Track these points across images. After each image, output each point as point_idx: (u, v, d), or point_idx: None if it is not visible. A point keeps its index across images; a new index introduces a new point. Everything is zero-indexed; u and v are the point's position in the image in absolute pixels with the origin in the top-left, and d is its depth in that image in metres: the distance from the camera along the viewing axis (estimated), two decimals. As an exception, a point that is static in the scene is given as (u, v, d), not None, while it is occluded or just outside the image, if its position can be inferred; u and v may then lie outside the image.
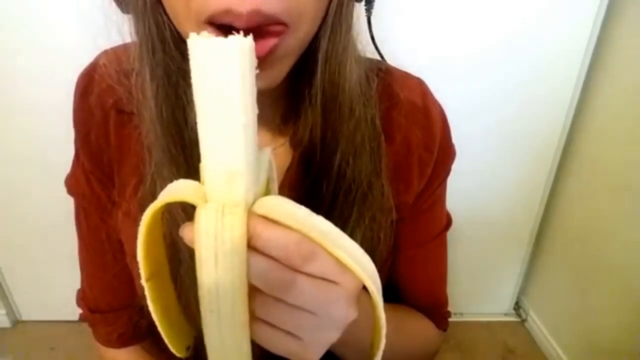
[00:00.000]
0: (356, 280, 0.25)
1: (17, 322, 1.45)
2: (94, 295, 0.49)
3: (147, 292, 0.27)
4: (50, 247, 1.30)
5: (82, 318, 0.50)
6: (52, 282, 1.35)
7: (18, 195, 1.23)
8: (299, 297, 0.24)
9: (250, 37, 0.22)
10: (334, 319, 0.26)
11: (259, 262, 0.23)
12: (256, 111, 0.23)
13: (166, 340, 0.30)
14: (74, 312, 0.51)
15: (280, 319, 0.25)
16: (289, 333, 0.26)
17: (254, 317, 0.25)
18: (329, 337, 0.27)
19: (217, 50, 0.21)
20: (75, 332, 1.37)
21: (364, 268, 0.25)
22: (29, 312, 1.44)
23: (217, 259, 0.22)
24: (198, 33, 0.22)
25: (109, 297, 0.48)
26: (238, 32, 0.22)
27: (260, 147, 0.25)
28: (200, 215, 0.23)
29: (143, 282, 0.27)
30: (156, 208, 0.25)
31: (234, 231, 0.22)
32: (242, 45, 0.21)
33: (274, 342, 0.26)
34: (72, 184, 0.45)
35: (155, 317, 0.28)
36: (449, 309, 0.54)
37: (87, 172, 0.43)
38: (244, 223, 0.22)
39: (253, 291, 0.24)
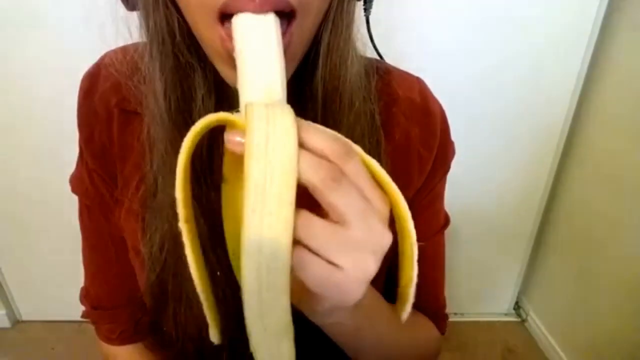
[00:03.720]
0: (386, 202, 0.27)
1: (17, 322, 1.45)
2: (96, 292, 0.49)
3: (184, 236, 0.27)
4: (50, 247, 1.30)
5: (85, 315, 0.51)
6: (52, 282, 1.35)
7: (18, 195, 1.23)
8: (345, 196, 0.24)
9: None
10: (373, 236, 0.25)
11: (307, 154, 0.24)
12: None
13: (206, 311, 0.28)
14: (74, 312, 0.51)
15: (322, 235, 0.24)
16: (329, 262, 0.25)
17: (295, 244, 0.24)
18: (370, 265, 0.26)
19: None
20: (75, 332, 1.38)
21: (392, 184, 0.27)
22: (29, 312, 1.45)
23: (268, 144, 0.22)
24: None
25: (111, 294, 0.49)
26: None
27: None
28: (252, 107, 0.24)
29: (181, 224, 0.26)
30: (196, 131, 0.25)
31: (285, 116, 0.23)
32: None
33: (314, 271, 0.25)
34: (76, 183, 0.46)
35: (193, 270, 0.27)
36: (449, 310, 0.53)
37: (90, 171, 0.43)
38: (292, 112, 0.24)
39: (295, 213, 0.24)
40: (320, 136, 0.24)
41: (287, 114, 0.24)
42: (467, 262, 1.38)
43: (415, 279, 0.28)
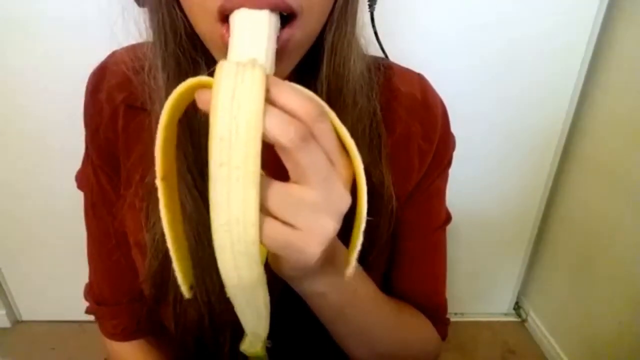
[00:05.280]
0: (349, 169, 0.27)
1: (17, 322, 1.44)
2: (100, 287, 0.49)
3: (160, 194, 0.27)
4: (50, 247, 1.30)
5: (88, 311, 0.51)
6: (52, 282, 1.35)
7: (18, 195, 1.23)
8: (310, 156, 0.24)
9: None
10: (332, 198, 0.26)
11: (277, 111, 0.23)
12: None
13: (175, 265, 0.28)
14: (74, 312, 0.51)
15: (277, 197, 0.25)
16: (286, 224, 0.25)
17: None
18: (327, 226, 0.26)
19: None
20: (75, 332, 1.37)
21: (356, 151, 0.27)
22: (29, 312, 1.44)
23: (233, 99, 0.22)
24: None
25: (114, 289, 0.49)
26: None
27: None
28: (222, 64, 0.23)
29: (158, 181, 0.26)
30: (178, 92, 0.25)
31: (255, 73, 0.23)
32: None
33: (269, 232, 0.25)
34: (82, 180, 0.46)
35: (165, 225, 0.27)
36: (449, 312, 0.52)
37: (95, 167, 0.44)
38: (263, 70, 0.23)
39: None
40: (293, 95, 0.24)
41: (257, 70, 0.23)
42: (467, 262, 1.38)
43: (358, 247, 0.29)
